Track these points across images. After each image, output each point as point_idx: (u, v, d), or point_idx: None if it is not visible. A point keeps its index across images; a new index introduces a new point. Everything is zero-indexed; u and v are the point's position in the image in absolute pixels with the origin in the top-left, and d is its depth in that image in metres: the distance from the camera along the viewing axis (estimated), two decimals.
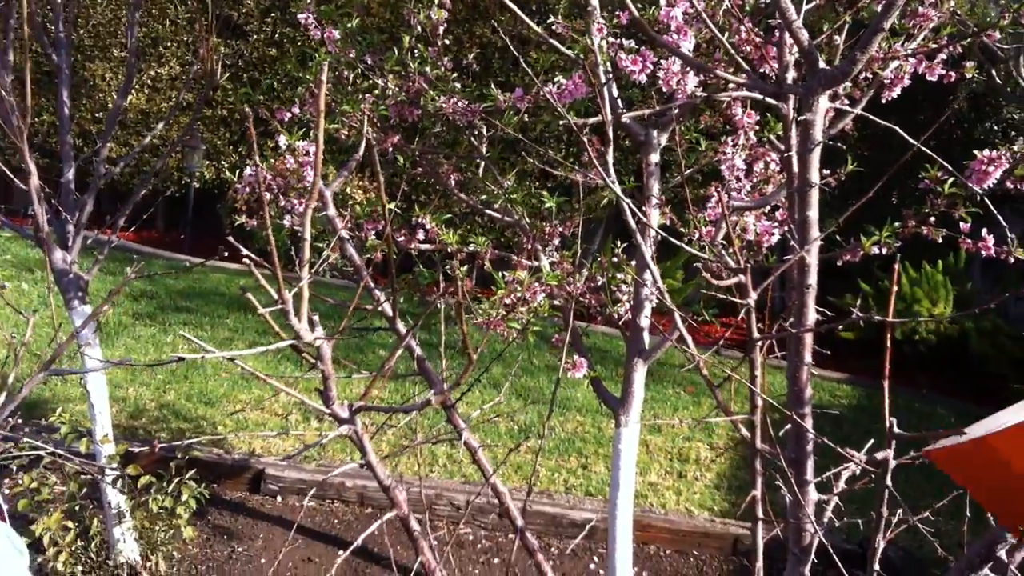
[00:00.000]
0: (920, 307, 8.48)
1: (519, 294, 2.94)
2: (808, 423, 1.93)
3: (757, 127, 3.00)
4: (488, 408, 5.52)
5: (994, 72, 9.81)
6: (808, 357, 1.90)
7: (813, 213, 1.83)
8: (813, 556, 2.02)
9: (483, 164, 3.61)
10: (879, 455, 1.32)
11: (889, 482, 1.49)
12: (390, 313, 2.97)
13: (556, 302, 3.42)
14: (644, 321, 3.37)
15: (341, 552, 4.16)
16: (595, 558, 4.39)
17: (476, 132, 3.52)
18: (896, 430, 1.36)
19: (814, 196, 1.83)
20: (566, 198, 3.50)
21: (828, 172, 3.24)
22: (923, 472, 5.64)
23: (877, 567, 1.71)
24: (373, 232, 3.27)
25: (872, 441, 2.13)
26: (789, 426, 1.99)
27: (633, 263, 3.39)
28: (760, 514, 1.84)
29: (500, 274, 2.98)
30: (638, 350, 3.40)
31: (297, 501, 4.70)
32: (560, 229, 3.57)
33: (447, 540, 4.39)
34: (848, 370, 8.51)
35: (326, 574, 4.00)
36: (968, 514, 2.04)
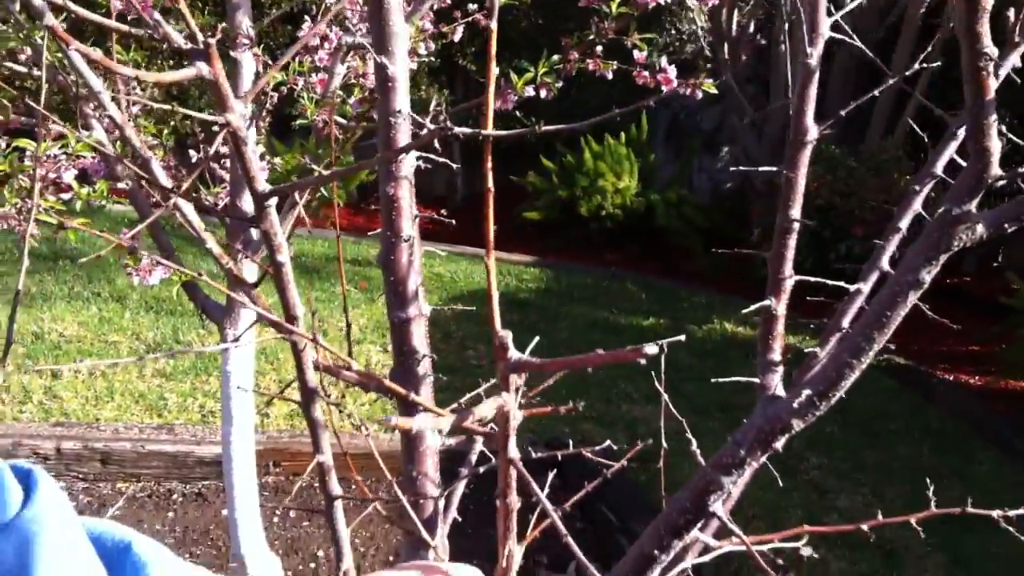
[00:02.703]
0: (604, 181, 8.23)
1: (31, 171, 2.06)
2: (419, 333, 1.26)
3: None
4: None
5: None
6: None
7: None
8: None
9: None
10: (488, 407, 0.65)
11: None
12: None
13: (122, 185, 2.58)
14: (246, 204, 2.62)
15: None
16: None
17: None
18: (518, 355, 0.71)
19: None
20: None
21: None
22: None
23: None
24: None
25: (536, 340, 1.48)
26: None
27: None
28: (334, 491, 1.16)
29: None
30: (243, 241, 2.64)
31: None
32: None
33: None
34: (534, 252, 8.17)
35: None
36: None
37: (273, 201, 0.96)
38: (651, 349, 0.59)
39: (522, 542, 0.86)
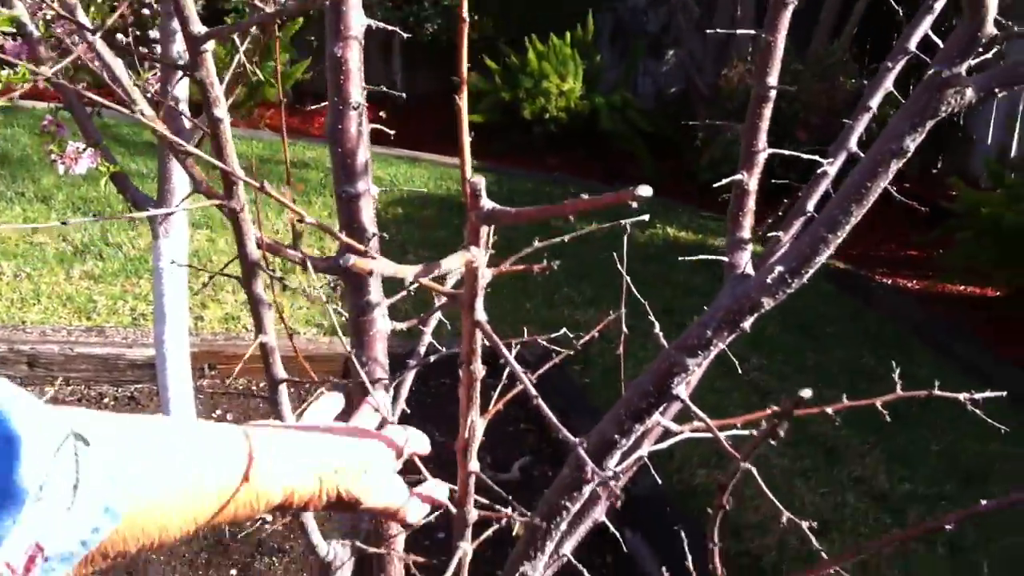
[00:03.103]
0: (549, 83, 8.10)
1: None
2: (368, 210, 1.19)
3: None
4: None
5: None
6: None
7: None
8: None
9: None
10: (455, 260, 0.59)
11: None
12: None
13: (46, 69, 2.43)
14: (180, 91, 2.50)
15: None
16: None
17: None
18: (487, 204, 0.65)
19: None
20: None
21: None
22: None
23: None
24: None
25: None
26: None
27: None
28: (278, 371, 1.10)
29: None
30: (175, 129, 2.52)
31: None
32: None
33: None
34: (476, 156, 7.94)
35: None
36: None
37: (209, 46, 0.87)
38: (644, 191, 0.53)
39: (485, 415, 0.81)
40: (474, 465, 0.83)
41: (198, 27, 0.86)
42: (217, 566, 2.79)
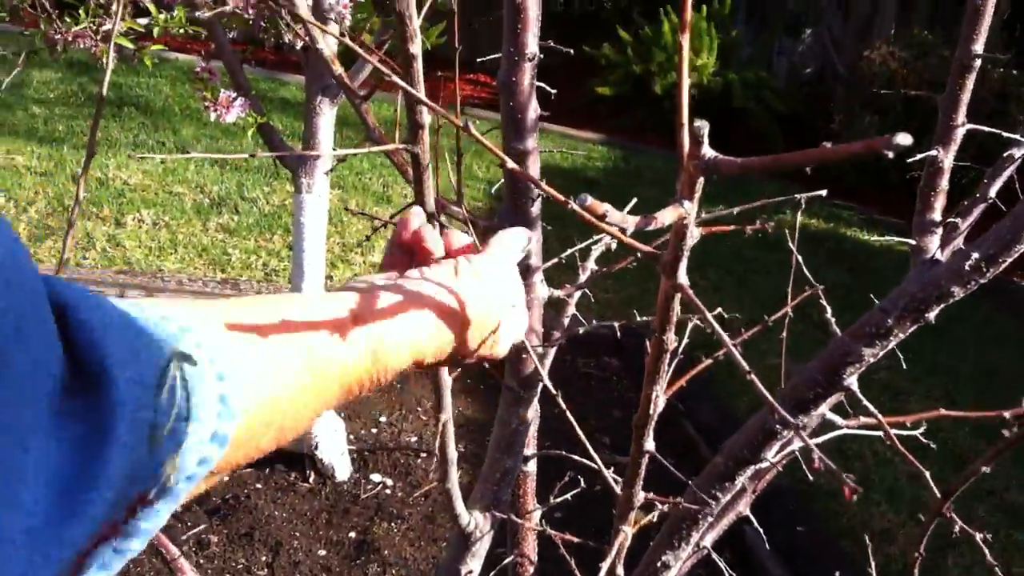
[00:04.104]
0: None
1: None
2: (534, 169, 1.15)
3: None
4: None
5: None
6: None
7: None
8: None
9: None
10: (669, 214, 0.53)
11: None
12: None
13: (200, 14, 2.46)
14: (328, 44, 2.48)
15: None
16: None
17: None
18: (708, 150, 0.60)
19: None
20: None
21: None
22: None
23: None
24: None
25: (634, 202, 1.35)
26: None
27: None
28: None
29: None
30: (322, 86, 2.53)
31: None
32: None
33: None
34: (604, 130, 7.94)
35: None
36: None
37: None
38: (904, 139, 0.47)
39: (667, 392, 0.76)
40: (650, 444, 0.78)
41: None
42: (337, 527, 2.81)
